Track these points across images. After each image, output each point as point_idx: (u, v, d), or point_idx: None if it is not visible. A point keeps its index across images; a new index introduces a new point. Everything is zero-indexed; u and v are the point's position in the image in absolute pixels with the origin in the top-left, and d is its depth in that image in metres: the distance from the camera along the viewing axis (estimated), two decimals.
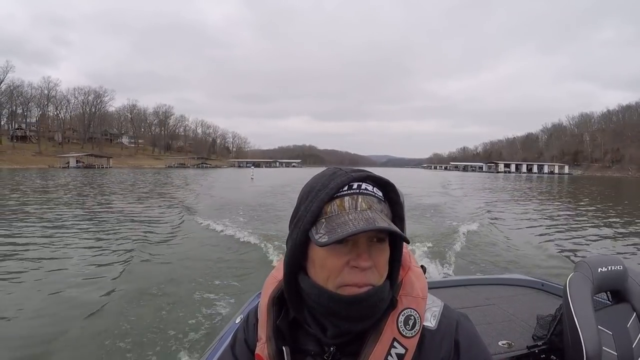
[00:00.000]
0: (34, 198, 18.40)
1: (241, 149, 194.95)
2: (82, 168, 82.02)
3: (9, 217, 12.31)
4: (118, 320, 4.37)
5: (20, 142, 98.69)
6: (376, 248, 0.70)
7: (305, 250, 0.73)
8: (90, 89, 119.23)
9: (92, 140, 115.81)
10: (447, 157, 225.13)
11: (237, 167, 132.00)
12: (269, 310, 0.81)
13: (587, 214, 15.26)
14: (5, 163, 78.00)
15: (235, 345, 0.88)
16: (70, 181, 33.93)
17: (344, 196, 0.71)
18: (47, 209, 14.09)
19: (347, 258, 0.69)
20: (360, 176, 0.73)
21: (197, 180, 39.11)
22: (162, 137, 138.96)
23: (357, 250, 0.69)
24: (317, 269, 0.71)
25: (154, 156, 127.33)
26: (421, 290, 0.78)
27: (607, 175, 75.34)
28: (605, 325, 1.62)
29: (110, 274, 6.14)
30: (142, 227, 10.55)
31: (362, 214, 0.69)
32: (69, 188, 25.85)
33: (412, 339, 0.73)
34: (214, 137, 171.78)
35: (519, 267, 6.80)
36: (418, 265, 0.84)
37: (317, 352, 0.76)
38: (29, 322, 4.44)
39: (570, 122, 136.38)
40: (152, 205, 15.93)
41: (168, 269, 6.55)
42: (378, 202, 0.72)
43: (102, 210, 14.40)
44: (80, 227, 10.50)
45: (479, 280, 2.81)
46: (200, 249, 7.99)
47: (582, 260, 1.77)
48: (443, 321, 0.78)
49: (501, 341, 1.88)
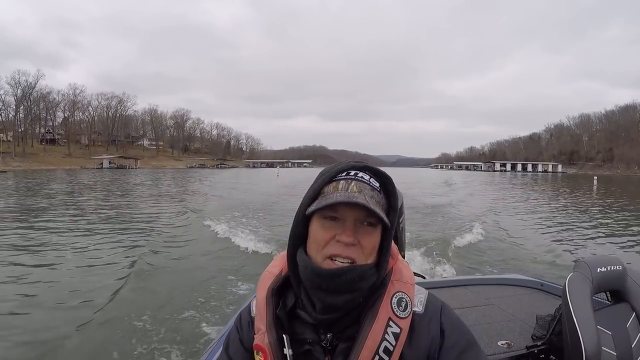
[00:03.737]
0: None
1: (254, 149, 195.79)
2: (114, 169, 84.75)
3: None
4: (118, 321, 4.30)
5: (49, 145, 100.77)
6: (364, 230, 0.75)
7: (307, 227, 0.79)
8: (113, 94, 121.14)
9: (116, 142, 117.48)
10: (455, 157, 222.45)
11: (252, 167, 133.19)
12: (268, 300, 0.82)
13: (587, 214, 14.97)
14: (40, 164, 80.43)
15: (229, 347, 0.87)
16: (131, 180, 38.02)
17: (340, 180, 0.77)
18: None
19: (334, 232, 0.75)
20: (358, 165, 0.79)
21: (239, 179, 43.61)
22: (180, 139, 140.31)
23: (343, 228, 0.74)
24: (311, 242, 0.77)
25: (174, 157, 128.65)
26: (409, 277, 0.83)
27: (598, 173, 76.26)
28: (605, 325, 1.57)
29: (120, 271, 6.13)
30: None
31: (349, 194, 0.74)
32: (140, 184, 30.53)
33: (405, 320, 0.77)
34: (229, 139, 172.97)
35: (518, 267, 6.65)
36: (403, 258, 0.89)
37: (314, 339, 0.77)
38: (30, 319, 4.42)
39: (570, 122, 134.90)
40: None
41: (180, 268, 6.50)
42: (371, 189, 0.77)
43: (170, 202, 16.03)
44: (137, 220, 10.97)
45: (478, 280, 2.75)
46: (212, 250, 7.85)
47: (581, 260, 1.72)
48: (429, 306, 0.81)
49: (500, 341, 1.82)
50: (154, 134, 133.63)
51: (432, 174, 75.01)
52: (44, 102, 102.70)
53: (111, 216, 12.77)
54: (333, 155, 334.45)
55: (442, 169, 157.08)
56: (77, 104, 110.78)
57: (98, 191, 24.08)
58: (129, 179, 40.00)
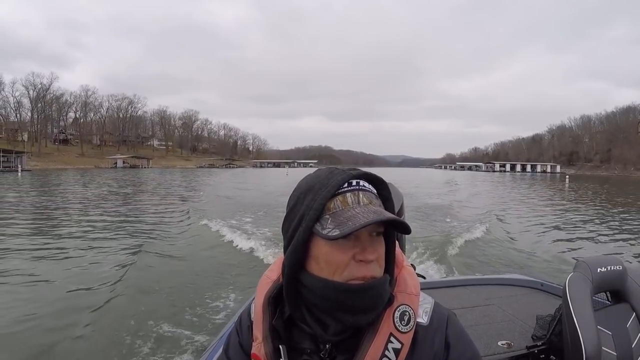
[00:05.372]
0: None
1: (260, 149, 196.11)
2: (127, 168, 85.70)
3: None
4: (118, 321, 4.24)
5: (62, 145, 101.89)
6: (377, 242, 0.70)
7: (307, 248, 0.70)
8: (124, 96, 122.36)
9: (127, 142, 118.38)
10: (459, 157, 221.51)
11: (259, 167, 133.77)
12: (264, 310, 0.77)
13: (587, 214, 14.83)
14: (56, 164, 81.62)
15: (229, 349, 0.85)
16: (148, 179, 40.06)
17: (346, 192, 0.70)
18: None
19: (352, 252, 0.67)
20: (358, 174, 0.72)
21: (255, 178, 46.89)
22: (188, 139, 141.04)
23: (361, 244, 0.67)
24: (322, 265, 0.69)
25: (183, 157, 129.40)
26: (414, 287, 0.77)
27: (595, 174, 76.05)
28: (605, 326, 1.54)
29: (121, 270, 6.10)
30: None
31: (367, 207, 0.68)
32: (162, 183, 32.62)
33: (407, 334, 0.72)
34: (235, 139, 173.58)
35: (518, 267, 6.58)
36: (409, 264, 0.83)
37: (312, 349, 0.73)
38: (32, 316, 4.38)
39: (571, 123, 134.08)
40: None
41: (180, 268, 6.47)
42: (376, 197, 0.73)
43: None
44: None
45: (478, 280, 2.72)
46: (210, 250, 7.84)
47: (581, 260, 1.69)
48: (434, 317, 0.76)
49: (500, 341, 1.80)
50: (164, 135, 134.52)
51: (436, 174, 76.07)
52: (57, 104, 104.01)
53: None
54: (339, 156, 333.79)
55: (446, 170, 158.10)
56: (88, 105, 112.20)
57: (151, 190, 25.52)
58: (166, 177, 44.01)
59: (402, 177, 44.94)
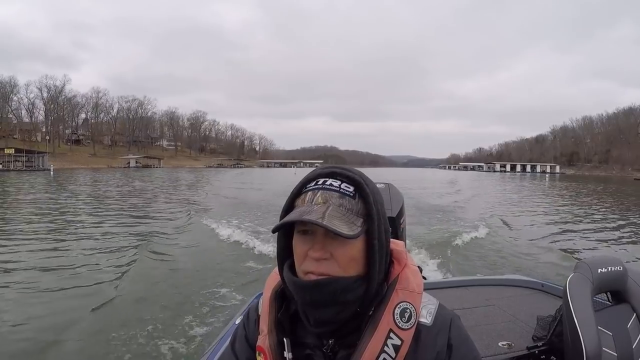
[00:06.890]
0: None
1: (267, 150, 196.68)
2: (140, 168, 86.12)
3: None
4: (119, 319, 4.18)
5: (74, 145, 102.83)
6: (338, 242, 0.68)
7: (290, 243, 0.74)
8: (134, 97, 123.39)
9: (137, 143, 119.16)
10: (463, 158, 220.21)
11: (266, 167, 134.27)
12: (271, 303, 0.79)
13: (587, 215, 14.69)
14: (71, 163, 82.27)
15: (236, 342, 0.85)
16: (180, 178, 42.48)
17: (309, 191, 0.72)
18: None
19: (306, 248, 0.69)
20: (325, 172, 0.73)
21: (266, 176, 48.91)
22: (196, 140, 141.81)
23: (312, 242, 0.68)
24: (294, 257, 0.72)
25: (192, 157, 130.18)
26: (417, 285, 0.76)
27: (594, 174, 75.77)
28: (605, 326, 1.52)
29: (122, 268, 6.10)
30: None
31: (309, 207, 0.69)
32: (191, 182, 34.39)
33: (407, 331, 0.71)
34: (242, 140, 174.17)
35: (518, 267, 6.49)
36: (415, 265, 0.81)
37: (316, 344, 0.74)
38: (31, 316, 4.32)
39: (573, 124, 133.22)
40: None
41: (181, 265, 6.45)
42: (340, 196, 0.70)
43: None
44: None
45: (478, 281, 2.68)
46: (214, 247, 7.86)
47: (581, 260, 1.66)
48: (438, 318, 0.75)
49: (501, 342, 1.78)
50: (173, 135, 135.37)
51: (440, 174, 76.39)
52: (69, 105, 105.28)
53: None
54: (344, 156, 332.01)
55: (450, 170, 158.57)
56: (99, 106, 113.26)
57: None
58: (192, 175, 46.71)
59: (404, 177, 44.97)
